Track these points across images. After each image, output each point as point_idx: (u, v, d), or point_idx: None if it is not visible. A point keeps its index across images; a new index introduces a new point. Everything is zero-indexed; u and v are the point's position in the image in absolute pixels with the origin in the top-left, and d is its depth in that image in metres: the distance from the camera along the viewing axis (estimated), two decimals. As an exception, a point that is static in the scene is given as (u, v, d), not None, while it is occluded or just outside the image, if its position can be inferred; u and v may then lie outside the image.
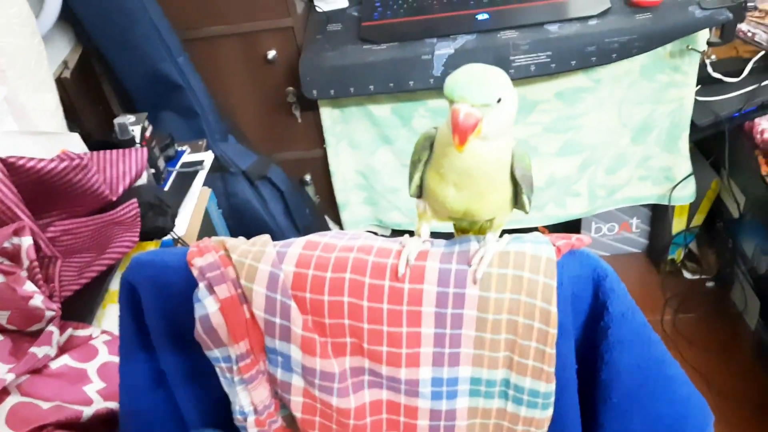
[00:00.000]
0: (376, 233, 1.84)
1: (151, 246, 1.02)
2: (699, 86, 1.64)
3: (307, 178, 1.61)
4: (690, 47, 1.41)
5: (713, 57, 1.56)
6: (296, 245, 0.58)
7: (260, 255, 0.56)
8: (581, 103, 1.52)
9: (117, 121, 1.06)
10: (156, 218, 0.99)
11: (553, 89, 1.49)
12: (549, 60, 1.30)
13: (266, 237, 0.59)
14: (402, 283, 0.55)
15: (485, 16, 1.34)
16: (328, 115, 1.46)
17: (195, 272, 0.56)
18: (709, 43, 1.36)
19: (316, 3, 1.45)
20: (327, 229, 1.70)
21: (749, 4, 1.27)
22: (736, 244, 1.70)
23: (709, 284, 1.84)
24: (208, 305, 0.56)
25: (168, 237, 1.02)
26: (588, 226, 1.93)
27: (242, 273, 0.56)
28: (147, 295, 0.59)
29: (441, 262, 0.56)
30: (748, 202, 1.61)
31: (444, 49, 1.29)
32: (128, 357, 0.62)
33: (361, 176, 1.63)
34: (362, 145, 1.55)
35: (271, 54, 1.40)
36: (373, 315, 0.56)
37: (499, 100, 0.50)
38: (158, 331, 0.60)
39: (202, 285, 0.56)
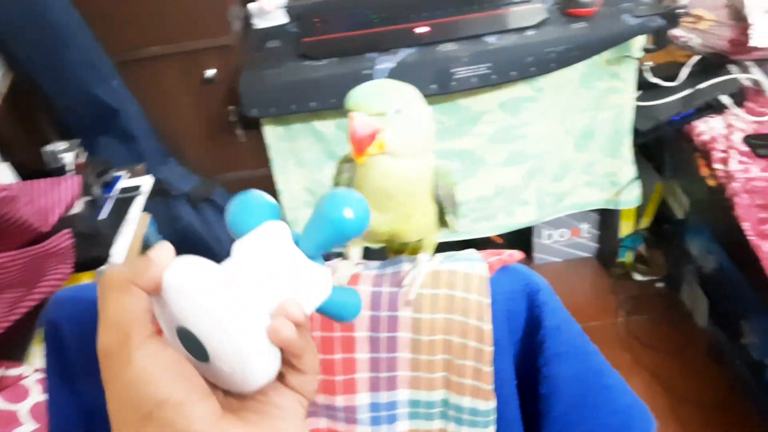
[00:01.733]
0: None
1: (87, 278, 0.98)
2: (639, 92, 1.68)
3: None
4: (626, 55, 1.44)
5: (650, 63, 1.59)
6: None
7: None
8: (525, 112, 1.53)
9: (46, 149, 1.02)
10: (91, 248, 0.96)
11: (497, 100, 1.50)
12: (490, 71, 1.31)
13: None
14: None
15: (425, 29, 1.34)
16: (272, 133, 1.44)
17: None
18: (644, 50, 1.39)
19: (253, 20, 1.43)
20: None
21: (680, 11, 1.30)
22: (683, 245, 1.74)
23: (659, 285, 1.88)
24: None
25: (104, 267, 0.99)
26: (539, 233, 1.95)
27: None
28: (70, 334, 0.56)
29: (373, 285, 0.55)
30: (692, 204, 1.65)
31: (385, 63, 1.29)
32: (56, 397, 0.59)
33: (309, 193, 1.61)
34: (309, 162, 1.53)
35: (210, 73, 1.37)
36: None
37: (398, 111, 0.49)
38: (84, 369, 0.57)
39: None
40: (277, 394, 0.37)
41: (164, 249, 0.36)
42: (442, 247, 1.93)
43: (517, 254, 0.56)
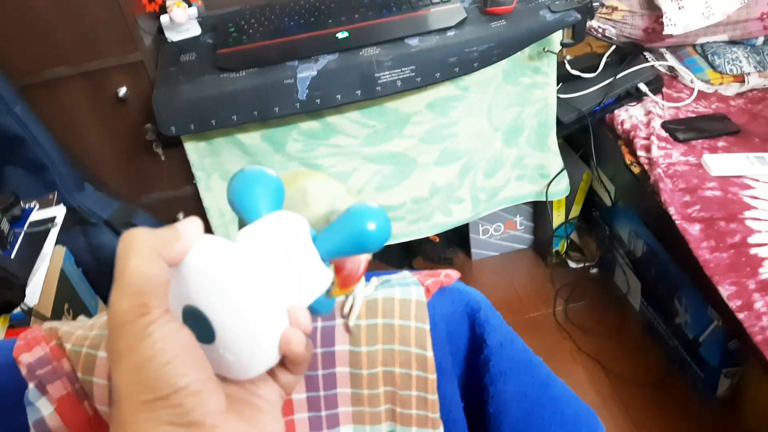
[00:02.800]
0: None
1: (-1, 323, 0.91)
2: (560, 84, 1.70)
3: (180, 217, 1.52)
4: (546, 49, 1.45)
5: (568, 56, 1.62)
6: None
7: (100, 340, 0.49)
8: (453, 111, 1.53)
9: (-57, 186, 0.94)
10: (2, 292, 0.89)
11: (424, 101, 1.49)
12: (414, 74, 1.29)
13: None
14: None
15: (345, 34, 1.31)
16: (193, 149, 1.39)
17: (23, 371, 0.49)
18: (562, 44, 1.40)
19: (166, 33, 1.37)
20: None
21: (595, 4, 1.32)
22: (612, 230, 1.78)
23: (593, 271, 1.92)
24: (41, 407, 0.48)
25: (18, 310, 0.92)
26: (475, 229, 1.95)
27: (78, 365, 0.49)
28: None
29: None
30: (618, 191, 1.69)
31: (306, 71, 1.25)
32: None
33: (239, 208, 1.56)
34: (236, 177, 1.48)
35: (122, 92, 1.30)
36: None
37: None
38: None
39: (31, 385, 0.48)
40: (266, 385, 0.38)
41: (194, 224, 0.36)
42: (381, 254, 1.90)
43: (454, 273, 0.54)
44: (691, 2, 1.58)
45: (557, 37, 1.45)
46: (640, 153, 1.52)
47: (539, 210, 1.91)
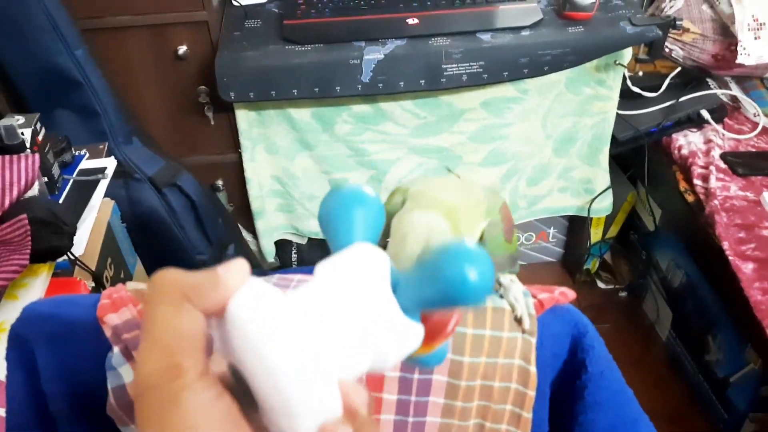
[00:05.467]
0: (291, 242, 1.73)
1: (44, 269, 0.88)
2: (620, 100, 1.66)
3: (219, 183, 1.49)
4: (617, 62, 1.41)
5: (640, 72, 1.57)
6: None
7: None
8: (507, 113, 1.49)
9: (2, 123, 0.91)
10: (51, 237, 0.86)
11: (480, 98, 1.45)
12: (481, 70, 1.26)
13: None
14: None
15: (416, 20, 1.27)
16: (244, 117, 1.35)
17: (108, 332, 0.45)
18: (638, 60, 1.36)
19: (234, -5, 1.33)
20: (241, 239, 1.59)
21: (678, 23, 1.27)
22: (650, 256, 1.74)
23: (622, 294, 1.88)
24: (124, 374, 0.45)
25: (63, 258, 0.89)
26: (507, 236, 1.92)
27: None
28: (45, 356, 0.48)
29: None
30: (664, 216, 1.65)
31: (373, 53, 1.21)
32: (18, 430, 0.50)
33: (277, 182, 1.53)
34: (280, 150, 1.45)
35: (183, 50, 1.27)
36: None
37: None
38: (58, 400, 0.49)
39: (116, 349, 0.45)
40: None
41: (238, 268, 0.30)
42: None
43: (570, 293, 0.51)
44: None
45: (629, 50, 1.41)
46: (697, 182, 1.48)
47: (576, 225, 1.87)
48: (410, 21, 1.27)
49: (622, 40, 1.27)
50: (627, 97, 1.68)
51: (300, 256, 1.77)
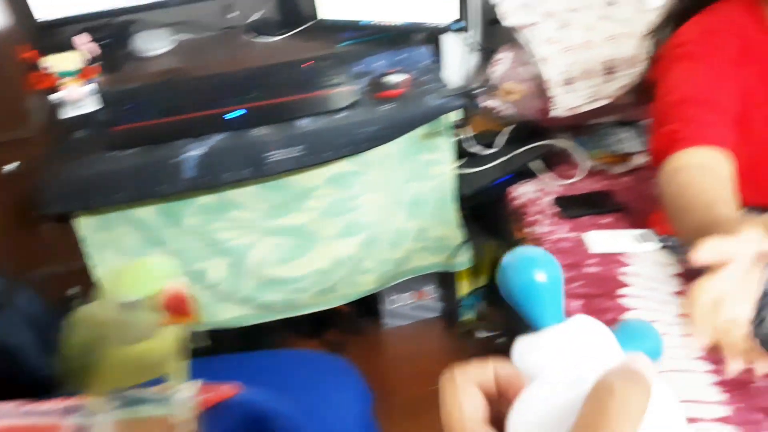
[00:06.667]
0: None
1: None
2: (464, 159, 1.77)
3: (75, 292, 1.50)
4: (439, 130, 1.51)
5: (469, 133, 1.69)
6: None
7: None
8: (353, 186, 1.57)
9: None
10: None
11: (324, 176, 1.52)
12: (303, 154, 1.33)
13: None
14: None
15: (237, 113, 1.35)
16: (85, 224, 1.38)
17: None
18: (454, 125, 1.47)
19: (60, 110, 1.38)
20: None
21: (477, 92, 1.39)
22: (515, 301, 1.82)
23: (500, 340, 1.95)
24: None
25: None
26: (385, 299, 1.98)
27: None
28: None
29: None
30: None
31: (195, 150, 1.28)
32: None
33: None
34: (130, 251, 1.47)
35: (10, 167, 1.30)
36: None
37: None
38: None
39: None
40: None
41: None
42: (291, 326, 1.87)
43: (233, 388, 0.55)
44: (578, 87, 1.68)
45: (451, 117, 1.52)
46: (529, 229, 1.58)
47: (446, 280, 1.95)
48: (232, 115, 1.35)
49: (430, 112, 1.37)
50: (469, 156, 1.80)
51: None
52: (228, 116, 1.33)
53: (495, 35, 1.96)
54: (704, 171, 0.92)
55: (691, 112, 0.99)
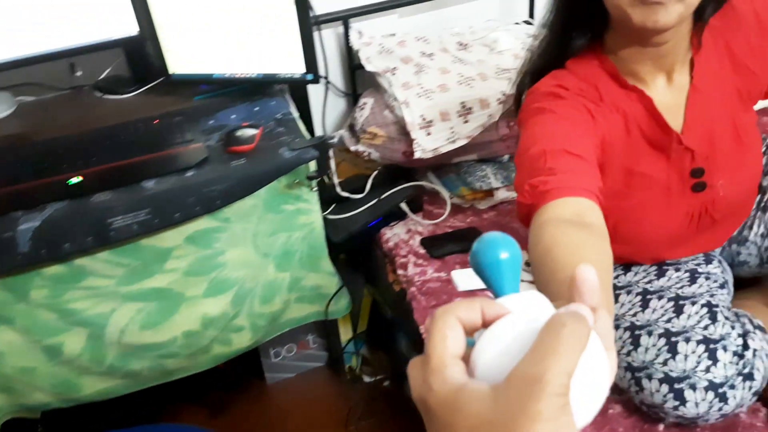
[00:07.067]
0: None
1: None
2: (334, 205, 1.77)
3: None
4: (297, 181, 1.50)
5: (336, 179, 1.69)
6: None
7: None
8: (216, 242, 1.52)
9: None
10: None
11: (183, 235, 1.46)
12: (150, 217, 1.28)
13: None
14: None
15: (78, 179, 1.28)
16: None
17: None
18: (308, 177, 1.46)
19: None
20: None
21: (331, 141, 1.39)
22: (395, 342, 1.82)
23: (386, 384, 1.94)
24: None
25: None
26: (266, 353, 1.92)
27: None
28: None
29: None
30: (390, 305, 1.74)
31: (29, 222, 1.20)
32: None
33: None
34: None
35: None
36: None
37: None
38: None
39: None
40: None
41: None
42: (169, 388, 1.75)
43: None
44: (438, 129, 1.72)
45: (311, 167, 1.51)
46: (400, 271, 1.59)
47: (327, 328, 1.92)
48: (72, 181, 1.28)
49: (283, 165, 1.36)
50: (340, 201, 1.79)
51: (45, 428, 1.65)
52: (70, 182, 1.26)
53: (361, 80, 1.99)
54: (570, 228, 0.83)
55: (552, 163, 0.95)
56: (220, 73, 1.52)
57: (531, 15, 2.13)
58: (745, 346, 1.16)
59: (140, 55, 1.56)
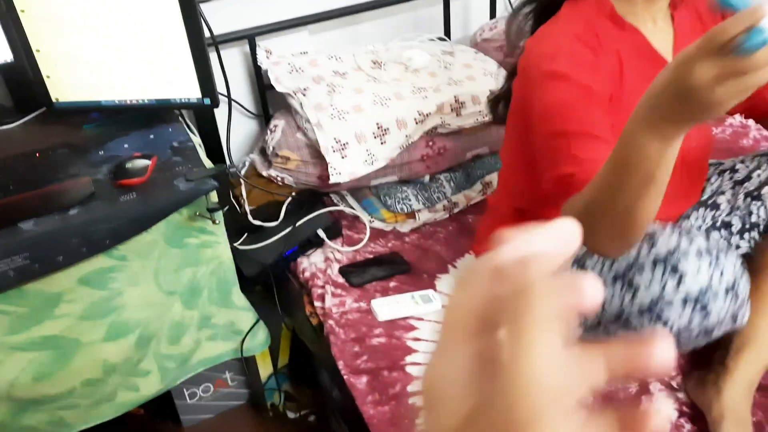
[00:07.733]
0: None
1: None
2: (245, 235, 1.67)
3: None
4: (198, 213, 1.39)
5: (247, 207, 1.59)
6: None
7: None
8: (112, 283, 1.39)
9: None
10: None
11: (74, 276, 1.34)
12: (29, 262, 1.15)
13: None
14: None
15: (-57, 224, 1.14)
16: None
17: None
18: (208, 209, 1.35)
19: None
20: None
21: (232, 170, 1.30)
22: (319, 376, 1.72)
23: (311, 419, 1.84)
24: None
25: None
26: (180, 395, 1.79)
27: None
28: None
29: None
30: (309, 339, 1.64)
31: None
32: None
33: None
34: None
35: None
36: None
37: None
38: None
39: None
40: None
41: None
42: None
43: None
44: (354, 151, 1.64)
45: (213, 197, 1.41)
46: (317, 303, 1.50)
47: (246, 365, 1.81)
48: (-64, 226, 1.14)
49: (179, 198, 1.25)
50: (251, 231, 1.69)
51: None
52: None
53: (272, 101, 1.90)
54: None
55: (576, 150, 0.99)
56: (109, 100, 1.40)
57: (446, 32, 2.09)
58: None
59: (20, 82, 1.42)
